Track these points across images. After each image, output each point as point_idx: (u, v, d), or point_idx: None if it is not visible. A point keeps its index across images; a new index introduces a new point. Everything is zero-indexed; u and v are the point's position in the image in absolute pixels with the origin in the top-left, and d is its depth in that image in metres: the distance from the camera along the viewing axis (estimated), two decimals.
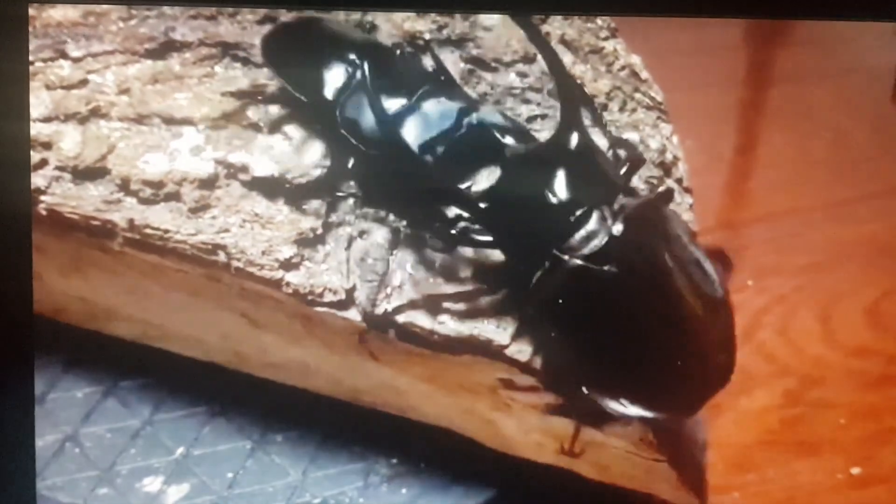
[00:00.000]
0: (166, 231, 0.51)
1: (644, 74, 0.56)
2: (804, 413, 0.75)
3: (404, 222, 0.52)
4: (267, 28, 0.56)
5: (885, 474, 0.71)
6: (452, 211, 0.51)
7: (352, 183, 0.52)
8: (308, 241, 0.51)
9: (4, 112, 0.45)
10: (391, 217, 0.52)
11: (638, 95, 0.55)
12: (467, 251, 0.52)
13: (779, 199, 0.86)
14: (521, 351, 0.51)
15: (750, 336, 0.78)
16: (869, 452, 0.72)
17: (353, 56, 0.53)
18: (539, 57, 0.55)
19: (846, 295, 0.82)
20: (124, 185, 0.51)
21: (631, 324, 0.49)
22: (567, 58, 0.56)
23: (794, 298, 0.79)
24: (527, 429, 0.56)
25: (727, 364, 0.52)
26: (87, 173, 0.51)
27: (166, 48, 0.55)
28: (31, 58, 0.52)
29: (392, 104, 0.51)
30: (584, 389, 0.50)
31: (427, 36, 0.56)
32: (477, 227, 0.50)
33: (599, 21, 0.57)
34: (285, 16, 0.56)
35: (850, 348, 0.79)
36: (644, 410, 0.51)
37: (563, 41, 0.56)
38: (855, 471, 0.71)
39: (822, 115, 0.94)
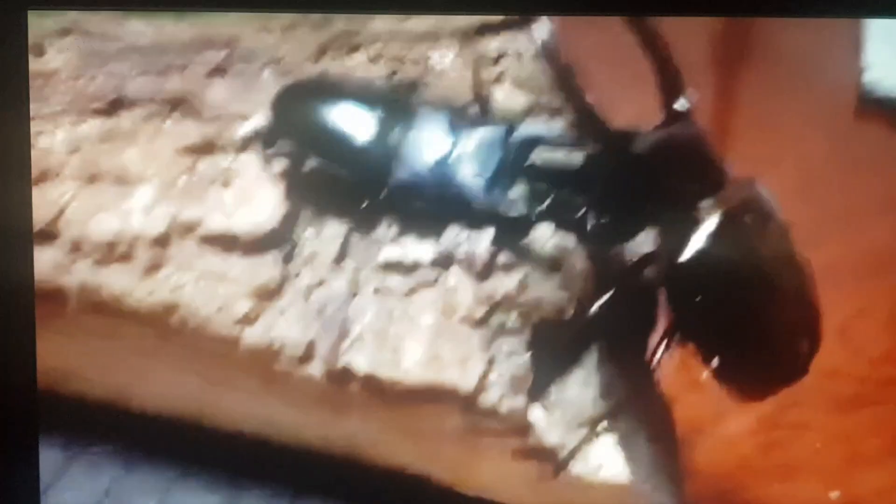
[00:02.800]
0: (120, 293, 0.50)
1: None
2: (780, 437, 0.74)
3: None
4: (219, 80, 0.55)
5: (864, 497, 0.71)
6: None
7: None
8: (264, 296, 0.50)
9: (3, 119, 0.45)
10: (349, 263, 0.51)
11: None
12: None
13: None
14: (487, 398, 0.50)
15: None
16: (847, 476, 0.72)
17: (385, 117, 0.52)
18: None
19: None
20: (76, 248, 0.50)
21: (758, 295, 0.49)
22: (521, 98, 0.55)
23: None
24: (500, 474, 0.55)
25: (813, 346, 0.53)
26: (38, 237, 0.50)
27: (116, 106, 0.54)
28: None
29: (440, 158, 0.51)
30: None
31: (378, 82, 0.56)
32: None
33: None
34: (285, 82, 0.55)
35: (822, 370, 0.78)
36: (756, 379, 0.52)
37: (517, 82, 0.55)
38: (834, 495, 0.70)
39: (785, 136, 0.94)
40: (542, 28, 0.48)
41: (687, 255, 0.48)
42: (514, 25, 0.57)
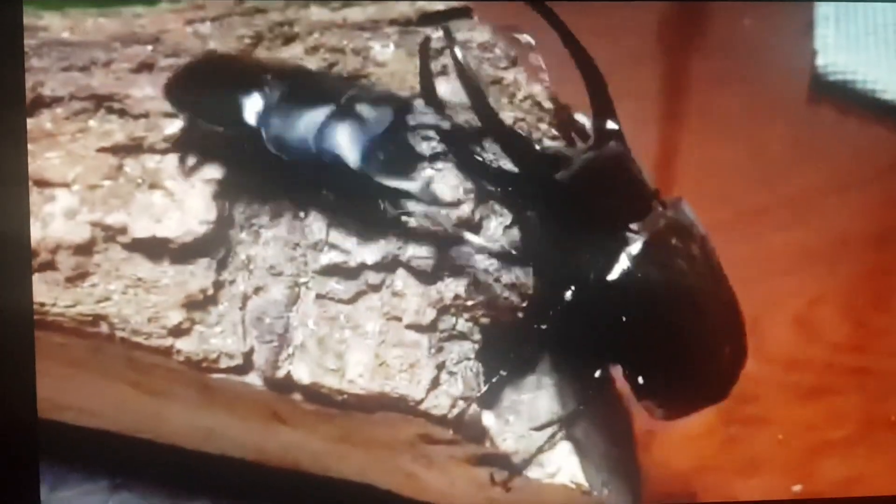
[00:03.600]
0: (42, 304, 0.47)
1: (547, 104, 0.53)
2: (741, 432, 0.73)
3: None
4: (146, 76, 0.52)
5: (826, 490, 0.70)
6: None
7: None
8: (198, 304, 0.48)
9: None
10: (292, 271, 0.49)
11: (543, 126, 0.53)
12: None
13: (698, 210, 0.84)
14: (438, 405, 0.48)
15: None
16: (809, 468, 0.71)
17: (267, 77, 0.49)
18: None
19: (774, 305, 0.80)
20: None
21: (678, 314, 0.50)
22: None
23: None
24: (452, 480, 0.53)
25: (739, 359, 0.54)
26: None
27: (35, 105, 0.51)
28: None
29: (319, 114, 0.48)
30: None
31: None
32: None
33: (498, 50, 0.54)
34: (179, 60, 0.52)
35: (782, 360, 0.77)
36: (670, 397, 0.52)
37: (462, 76, 0.53)
38: (796, 488, 0.69)
39: (737, 122, 0.93)
40: (458, 49, 0.47)
41: (614, 275, 0.48)
42: (458, 14, 0.55)
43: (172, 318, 0.47)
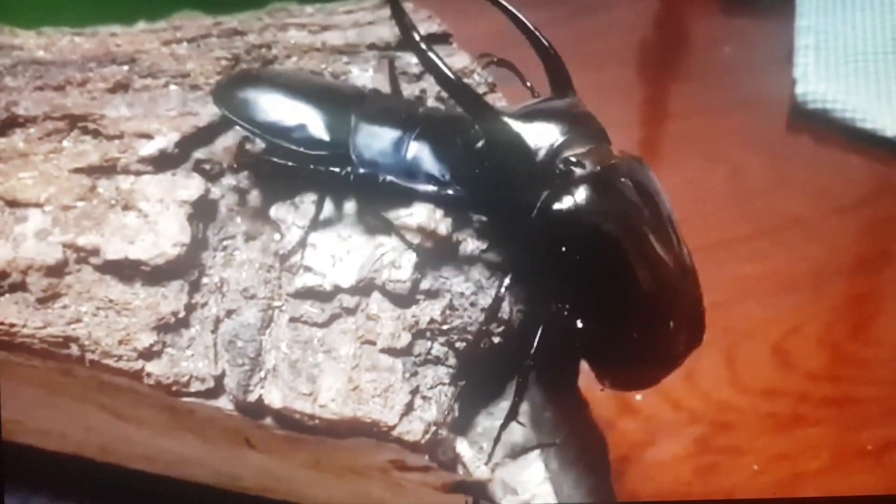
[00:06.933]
0: (12, 325, 0.46)
1: None
2: (716, 461, 0.73)
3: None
4: (121, 96, 0.52)
5: None
6: None
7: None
8: (169, 327, 0.47)
9: None
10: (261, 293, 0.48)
11: None
12: None
13: None
14: (411, 431, 0.47)
15: None
16: (784, 498, 0.70)
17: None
18: None
19: (751, 335, 0.80)
20: None
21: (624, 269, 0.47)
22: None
23: None
24: None
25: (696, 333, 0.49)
26: None
27: (8, 124, 0.50)
28: None
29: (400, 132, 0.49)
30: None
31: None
32: None
33: (476, 77, 0.54)
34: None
35: (758, 390, 0.77)
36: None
37: (438, 98, 0.53)
38: None
39: (718, 150, 0.94)
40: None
41: (556, 206, 0.46)
42: (437, 40, 0.54)
43: (143, 341, 0.46)
